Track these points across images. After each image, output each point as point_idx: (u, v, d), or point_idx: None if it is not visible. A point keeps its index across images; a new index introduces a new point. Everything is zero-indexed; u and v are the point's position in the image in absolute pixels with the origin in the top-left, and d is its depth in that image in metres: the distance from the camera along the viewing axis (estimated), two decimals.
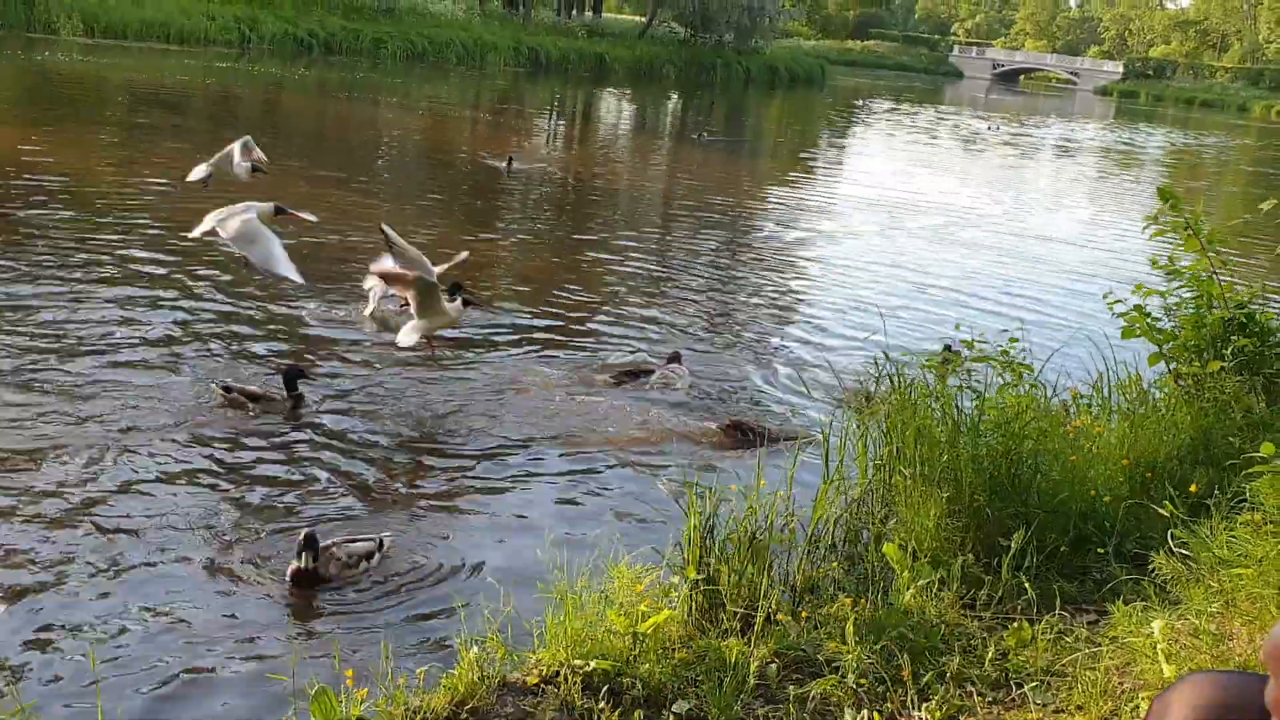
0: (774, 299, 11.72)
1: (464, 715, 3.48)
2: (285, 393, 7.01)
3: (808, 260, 14.10)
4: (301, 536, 4.91)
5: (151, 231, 11.32)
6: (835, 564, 4.76)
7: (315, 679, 3.53)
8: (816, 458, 5.52)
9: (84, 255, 10.08)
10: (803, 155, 29.39)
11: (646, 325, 9.94)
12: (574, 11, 66.80)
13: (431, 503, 6.08)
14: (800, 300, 11.80)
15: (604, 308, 10.40)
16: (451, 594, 5.01)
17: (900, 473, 4.94)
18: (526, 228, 12.88)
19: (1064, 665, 3.82)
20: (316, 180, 16.08)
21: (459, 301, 7.45)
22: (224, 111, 24.23)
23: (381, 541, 5.26)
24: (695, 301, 11.02)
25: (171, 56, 31.68)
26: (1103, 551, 4.67)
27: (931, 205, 20.38)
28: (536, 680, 3.65)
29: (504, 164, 14.96)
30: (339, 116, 25.38)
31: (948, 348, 10.47)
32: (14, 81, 23.67)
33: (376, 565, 5.16)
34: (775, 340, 9.90)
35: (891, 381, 5.40)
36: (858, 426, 5.47)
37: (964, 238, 16.90)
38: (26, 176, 13.38)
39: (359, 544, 5.15)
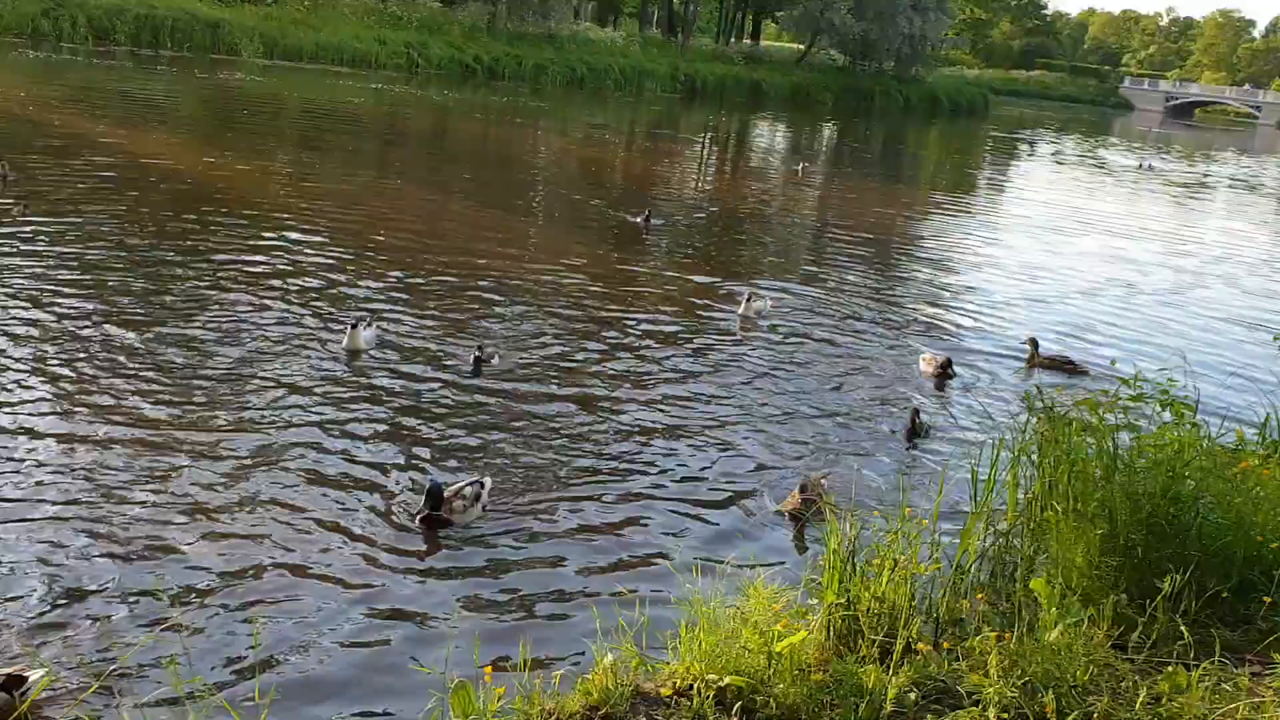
0: (927, 326, 11.51)
1: None
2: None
3: (962, 289, 13.80)
4: (428, 485, 5.74)
5: (317, 237, 11.84)
6: (980, 596, 4.64)
7: (455, 674, 3.63)
8: (965, 487, 5.41)
9: (258, 256, 10.60)
10: (960, 183, 28.81)
11: (798, 349, 9.88)
12: (732, 38, 67.17)
13: (575, 503, 6.20)
14: (953, 327, 11.55)
15: (752, 335, 10.38)
16: (588, 597, 5.10)
17: (1052, 507, 4.79)
18: (664, 274, 12.94)
19: (1222, 715, 3.63)
20: (469, 198, 16.58)
21: None
22: (390, 130, 25.19)
23: (483, 483, 6.03)
24: (846, 329, 10.90)
25: (344, 78, 33.11)
26: (1269, 600, 4.43)
27: (1091, 238, 19.73)
28: (670, 692, 3.66)
29: (642, 219, 14.84)
30: (498, 139, 26.06)
31: (1032, 340, 10.27)
32: (199, 99, 25.11)
33: (486, 504, 5.94)
34: (925, 364, 9.71)
35: (1044, 414, 5.24)
36: (1008, 458, 5.33)
37: (1125, 272, 16.28)
38: (207, 186, 14.21)
39: (467, 487, 5.91)
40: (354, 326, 8.35)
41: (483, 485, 6.03)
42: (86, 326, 8.17)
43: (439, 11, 43.99)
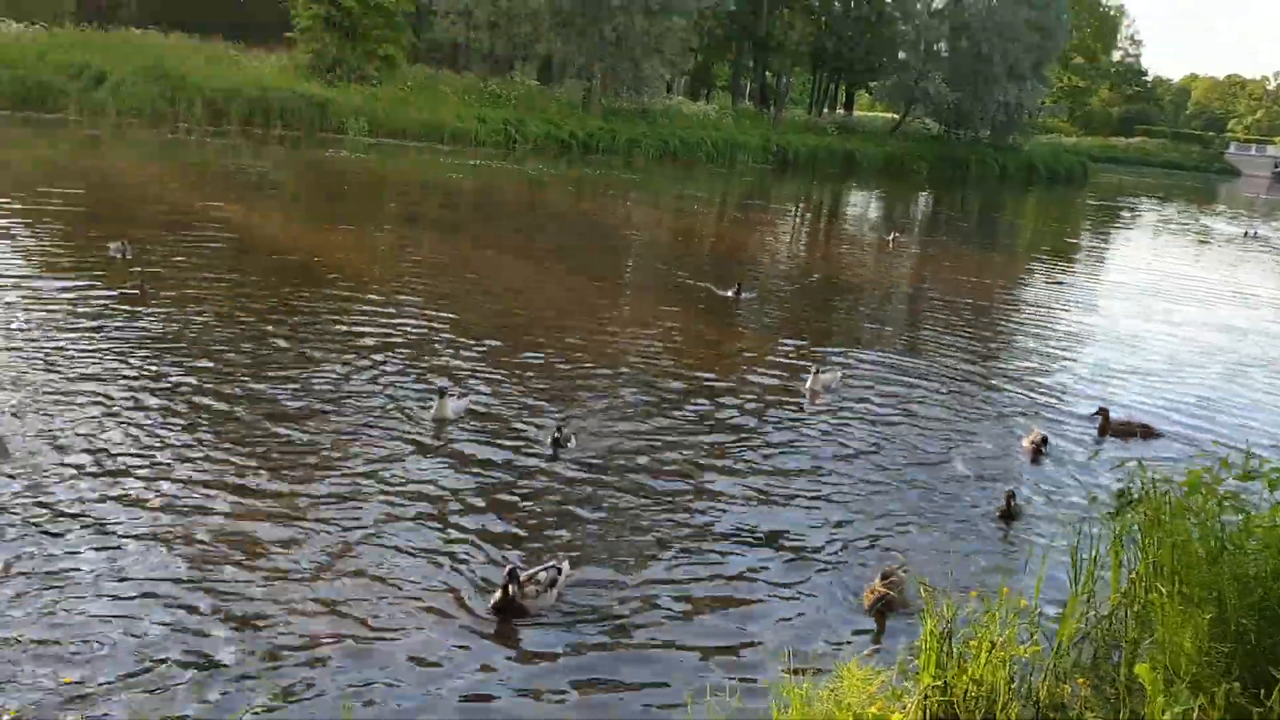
0: (1023, 398, 11.28)
1: None
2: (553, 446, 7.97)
3: (1061, 359, 13.51)
4: (506, 570, 5.61)
5: (411, 308, 12.12)
6: (1082, 680, 4.50)
7: None
8: (1064, 567, 5.26)
9: (355, 326, 10.89)
10: (1059, 251, 28.33)
11: (891, 422, 9.77)
12: (825, 109, 67.52)
13: (657, 586, 6.15)
14: (1050, 399, 11.30)
15: (857, 411, 10.30)
16: (675, 682, 5.05)
17: (1156, 589, 4.64)
18: (754, 347, 12.92)
19: None
20: (560, 269, 16.83)
21: None
22: (488, 204, 25.76)
23: (560, 567, 5.92)
24: (941, 401, 10.75)
25: (444, 155, 34.05)
26: None
27: (1194, 307, 19.20)
28: None
29: (733, 292, 14.82)
30: (591, 211, 26.49)
31: (1103, 410, 10.04)
32: (305, 175, 26.03)
33: (563, 589, 5.82)
34: (1025, 441, 9.50)
35: (1146, 493, 5.10)
36: (1110, 538, 5.18)
37: (1230, 342, 15.79)
38: (310, 257, 14.70)
39: (543, 572, 5.81)
40: (442, 396, 8.49)
41: (560, 570, 5.94)
42: (187, 393, 8.47)
43: (536, 89, 45.11)
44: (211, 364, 9.37)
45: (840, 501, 7.70)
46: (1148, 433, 10.00)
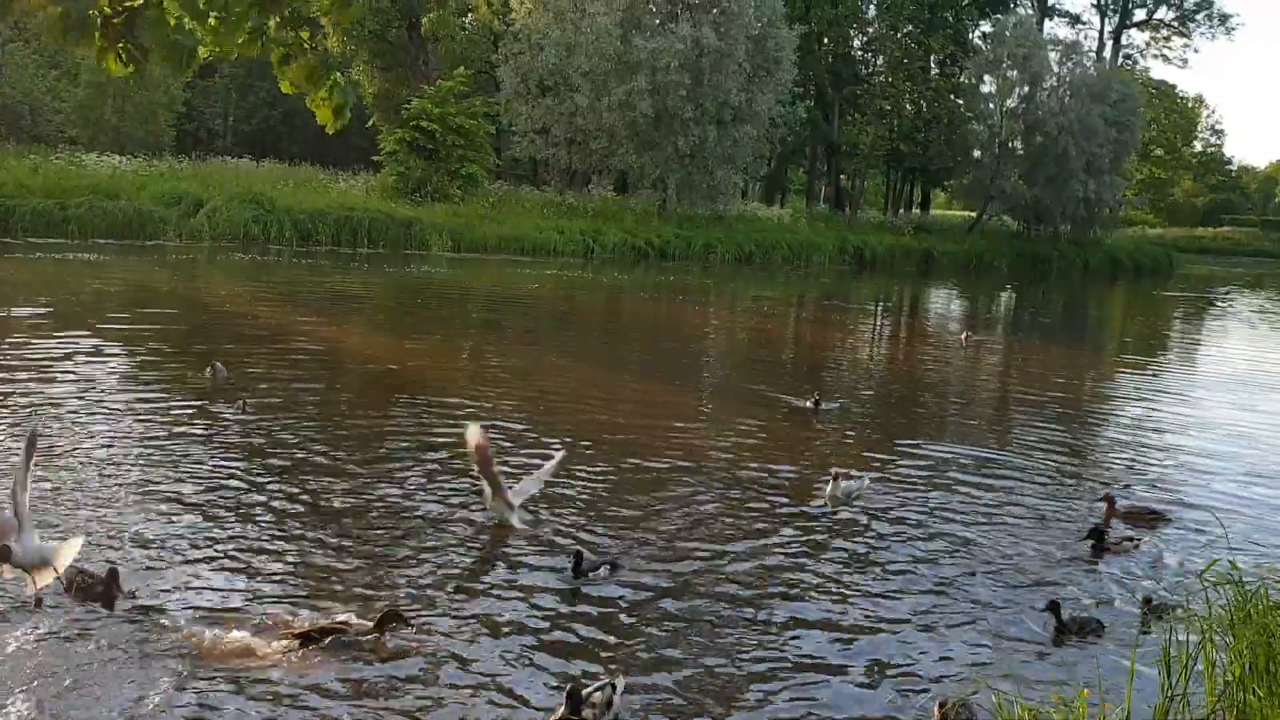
0: (1109, 487, 10.96)
1: None
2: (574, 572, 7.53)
3: (1149, 453, 13.13)
4: (568, 690, 5.43)
5: (489, 416, 12.26)
6: None
7: None
8: (1151, 667, 5.06)
9: (436, 436, 11.04)
10: (1147, 343, 27.79)
11: (970, 529, 9.57)
12: (900, 209, 67.76)
13: (713, 709, 6.01)
14: (1140, 487, 10.96)
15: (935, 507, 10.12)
16: None
17: (1254, 693, 4.44)
18: (832, 457, 12.80)
19: None
20: (634, 378, 16.95)
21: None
22: (567, 312, 26.18)
23: (614, 685, 5.71)
24: (1026, 495, 10.50)
25: (524, 266, 34.80)
26: None
27: None
28: None
29: (811, 403, 14.40)
30: (667, 316, 26.73)
31: (1108, 498, 9.77)
32: (391, 290, 26.77)
33: (620, 709, 5.62)
34: (1109, 536, 9.19)
35: (1236, 590, 4.91)
36: (1199, 638, 4.97)
37: None
38: (395, 368, 15.04)
39: (597, 692, 5.60)
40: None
41: (614, 688, 5.75)
42: (279, 501, 8.64)
43: (613, 200, 46.12)
44: (305, 472, 9.57)
45: (912, 617, 7.46)
46: (1157, 519, 9.76)
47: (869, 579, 8.08)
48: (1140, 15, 75.83)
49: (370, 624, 6.31)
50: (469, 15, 51.83)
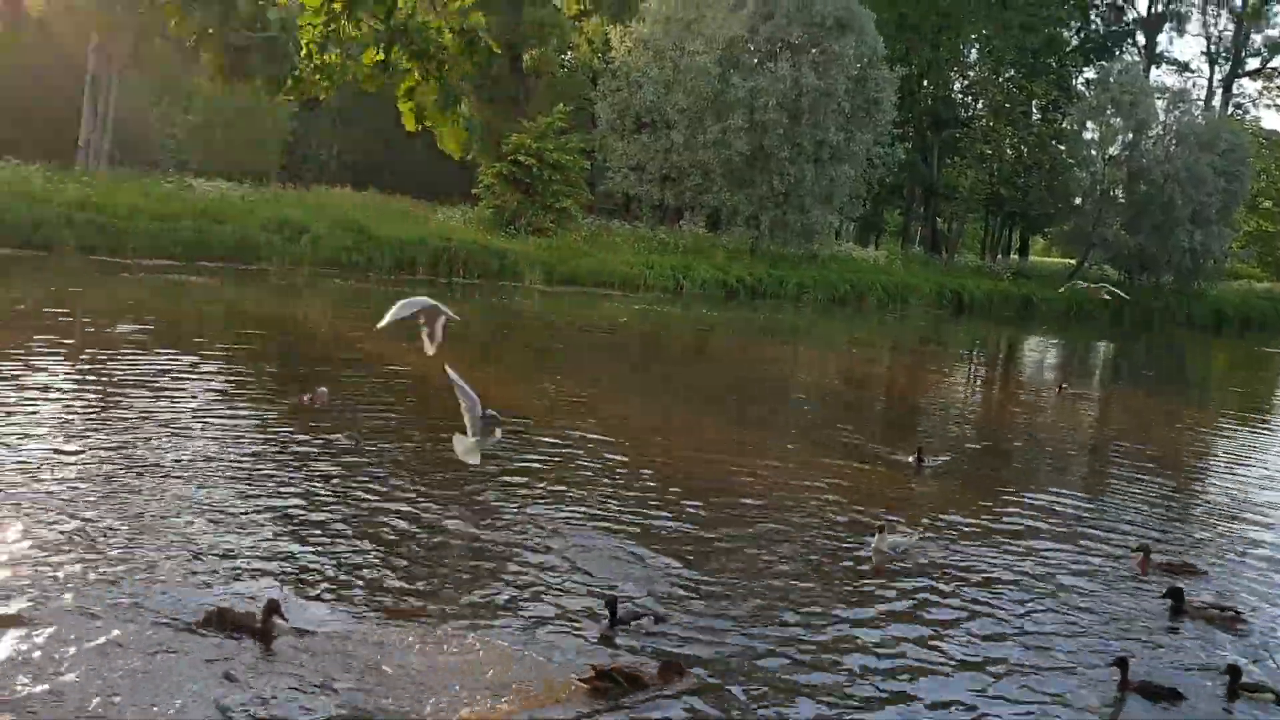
0: (1221, 553, 10.48)
1: None
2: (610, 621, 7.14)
3: (1258, 519, 12.54)
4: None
5: (573, 446, 12.21)
6: None
7: None
8: None
9: (522, 462, 11.02)
10: (1253, 399, 26.76)
11: (1075, 595, 9.21)
12: (999, 254, 66.61)
13: None
14: (1232, 554, 10.45)
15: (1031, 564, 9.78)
16: None
17: None
18: (934, 518, 12.44)
19: None
20: (721, 413, 16.78)
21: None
22: (655, 347, 26.17)
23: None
24: (1115, 549, 10.08)
25: (615, 300, 34.92)
26: None
27: None
28: None
29: (914, 459, 13.65)
30: (758, 355, 26.53)
31: (1144, 548, 9.49)
32: (483, 319, 27.04)
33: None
34: (1226, 601, 8.76)
35: None
36: None
37: None
38: (486, 396, 15.05)
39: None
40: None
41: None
42: (377, 521, 8.68)
43: (704, 237, 46.10)
44: (396, 495, 9.63)
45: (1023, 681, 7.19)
46: (1194, 572, 9.57)
47: (951, 634, 7.76)
48: (1253, 64, 73.78)
49: (654, 672, 6.29)
50: (569, 53, 52.52)
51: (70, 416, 11.58)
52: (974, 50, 62.90)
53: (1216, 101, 71.26)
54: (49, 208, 29.61)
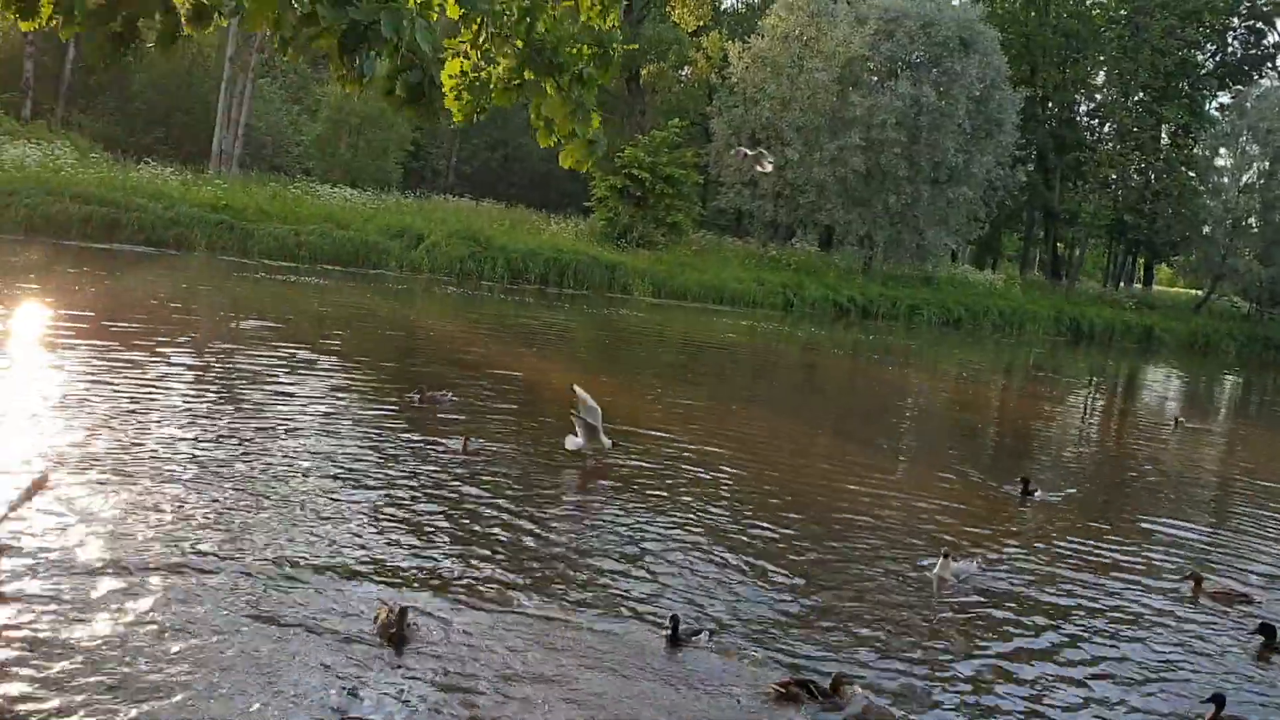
0: None
1: None
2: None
3: None
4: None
5: (674, 461, 12.22)
6: None
7: None
8: None
9: (622, 470, 11.09)
10: None
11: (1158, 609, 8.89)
12: (1121, 283, 64.65)
13: None
14: None
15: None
16: None
17: None
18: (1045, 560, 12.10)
19: None
20: (825, 431, 16.61)
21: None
22: (762, 363, 26.04)
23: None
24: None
25: (723, 316, 34.88)
26: None
27: None
28: None
29: (1019, 490, 12.97)
30: (866, 376, 26.21)
31: (1195, 575, 9.16)
32: (592, 331, 27.31)
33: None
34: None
35: None
36: None
37: None
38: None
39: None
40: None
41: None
42: (476, 521, 8.84)
43: (816, 255, 45.77)
44: (500, 498, 9.79)
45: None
46: (1246, 599, 9.35)
47: (1035, 662, 7.57)
48: None
49: (827, 686, 6.43)
50: (687, 68, 52.75)
51: (194, 404, 12.04)
52: (1102, 73, 61.25)
53: None
54: (183, 209, 30.90)
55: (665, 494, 10.74)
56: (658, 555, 8.72)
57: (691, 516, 10.01)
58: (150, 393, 12.27)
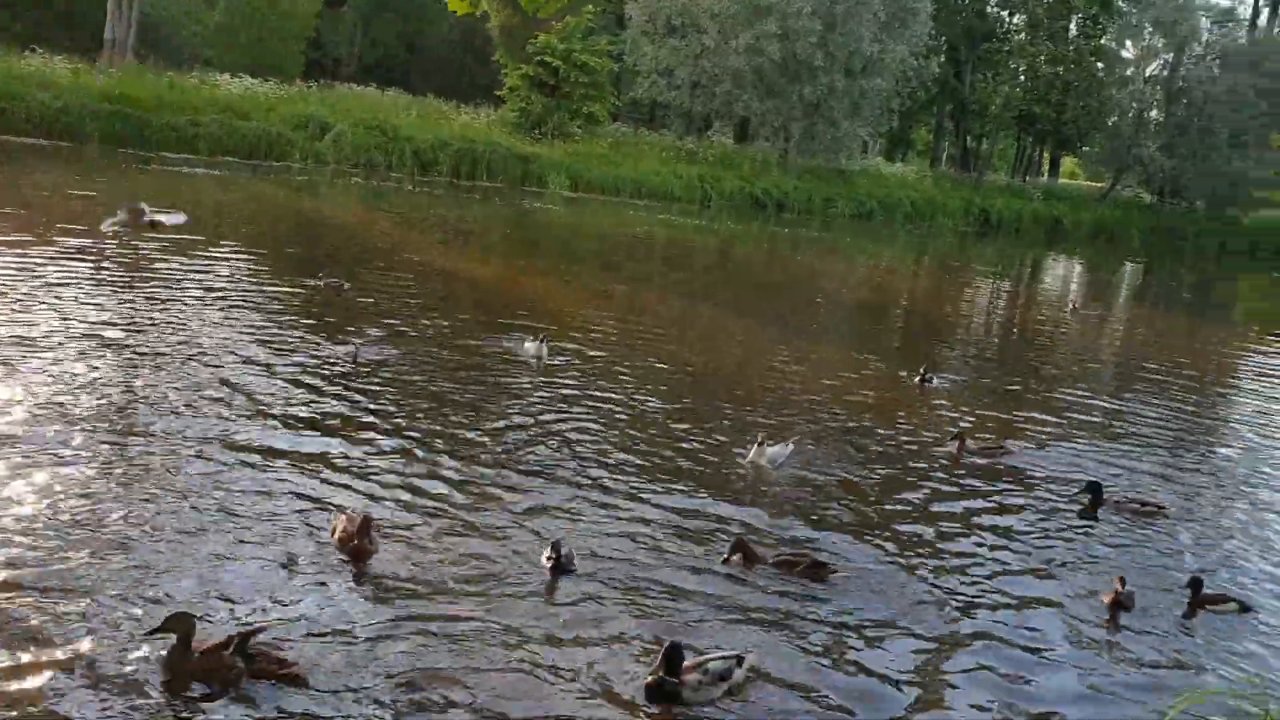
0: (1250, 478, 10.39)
1: None
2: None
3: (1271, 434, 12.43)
4: (665, 646, 4.95)
5: (596, 348, 12.15)
6: None
7: None
8: None
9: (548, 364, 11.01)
10: (1273, 323, 26.40)
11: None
12: (1027, 176, 65.53)
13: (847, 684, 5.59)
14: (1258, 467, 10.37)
15: None
16: None
17: None
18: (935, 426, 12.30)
19: None
20: (737, 321, 16.67)
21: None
22: (678, 256, 25.93)
23: (742, 658, 5.16)
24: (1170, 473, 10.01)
25: (639, 210, 34.57)
26: None
27: None
28: None
29: (918, 379, 13.01)
30: (782, 267, 26.30)
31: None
32: (505, 224, 26.87)
33: (739, 684, 5.08)
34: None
35: None
36: None
37: None
38: (504, 297, 15.02)
39: (716, 661, 5.06)
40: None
41: (740, 662, 5.16)
42: (383, 417, 8.67)
43: (732, 149, 45.41)
44: (411, 397, 9.61)
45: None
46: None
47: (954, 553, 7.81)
48: None
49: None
50: None
51: (97, 299, 11.56)
52: None
53: (1263, 20, 69.24)
54: (75, 100, 29.37)
55: (581, 388, 10.68)
56: (565, 438, 8.68)
57: (615, 397, 9.97)
58: (37, 287, 11.73)
